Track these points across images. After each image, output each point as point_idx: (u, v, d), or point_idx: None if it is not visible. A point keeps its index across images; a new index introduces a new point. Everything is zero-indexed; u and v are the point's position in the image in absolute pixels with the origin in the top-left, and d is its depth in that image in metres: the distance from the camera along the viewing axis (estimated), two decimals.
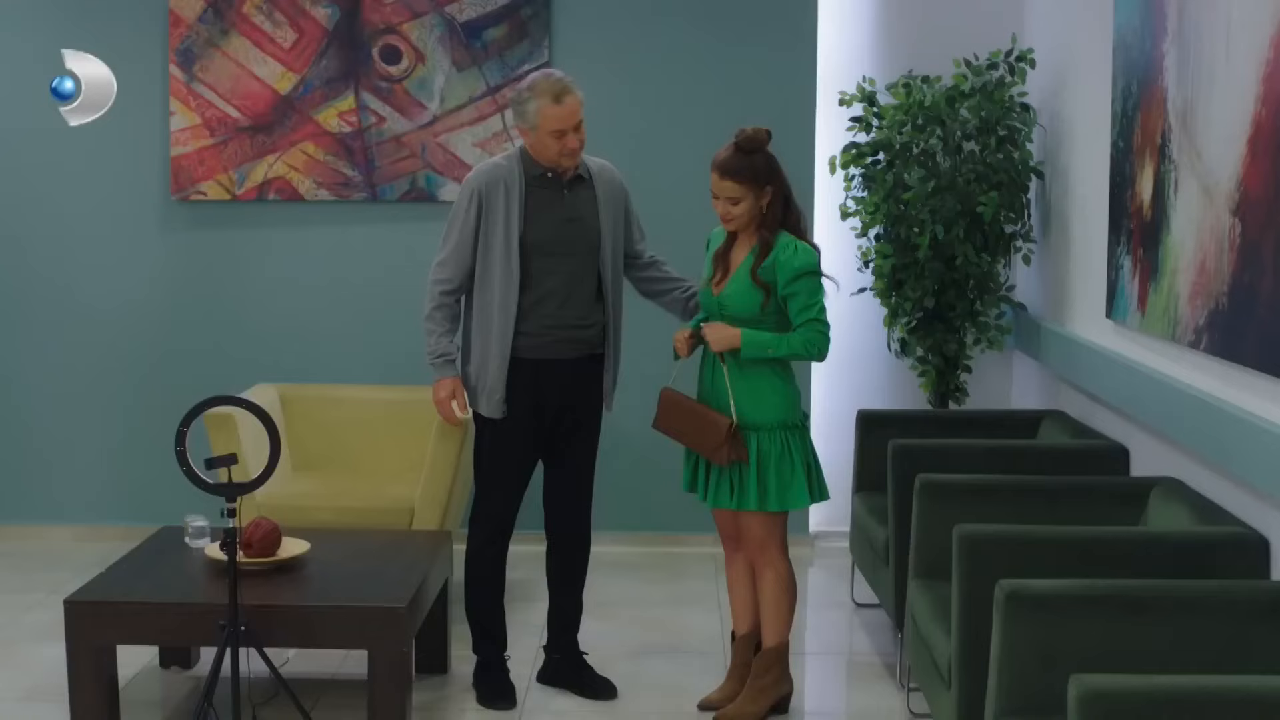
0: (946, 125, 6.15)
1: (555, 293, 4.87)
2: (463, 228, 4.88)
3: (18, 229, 6.97)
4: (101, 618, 4.53)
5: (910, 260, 6.17)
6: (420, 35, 6.77)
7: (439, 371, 4.96)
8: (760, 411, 4.69)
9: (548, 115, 4.76)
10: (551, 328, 4.87)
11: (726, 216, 4.67)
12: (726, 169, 4.63)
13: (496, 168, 4.91)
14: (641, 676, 5.26)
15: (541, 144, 4.80)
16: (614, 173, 5.10)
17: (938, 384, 6.38)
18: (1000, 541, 3.95)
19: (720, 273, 4.77)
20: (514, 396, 4.89)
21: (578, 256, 4.89)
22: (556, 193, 4.90)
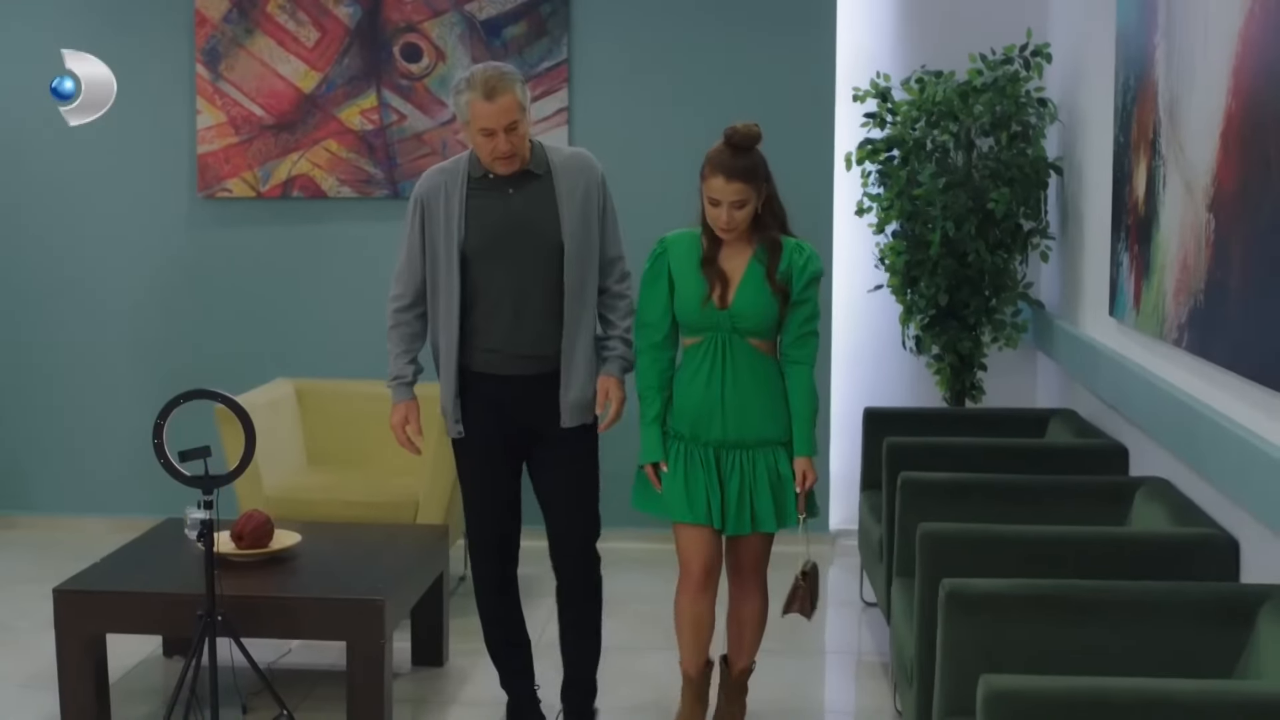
0: (959, 121, 6.09)
1: (503, 304, 4.40)
2: (409, 238, 4.49)
3: (49, 225, 7.10)
4: (89, 607, 4.61)
5: (923, 257, 6.12)
6: (441, 33, 6.82)
7: (394, 395, 4.60)
8: (778, 425, 4.38)
9: (477, 111, 4.26)
10: (502, 342, 4.42)
11: (730, 224, 4.25)
12: (734, 170, 4.22)
13: (440, 172, 4.50)
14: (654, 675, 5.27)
15: (474, 143, 4.35)
16: (586, 162, 4.52)
17: (953, 382, 6.33)
18: (962, 540, 3.92)
19: (718, 284, 4.31)
20: (470, 416, 4.49)
21: (527, 263, 4.39)
22: (499, 193, 4.40)
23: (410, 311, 4.52)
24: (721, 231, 4.29)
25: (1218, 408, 4.00)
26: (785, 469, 4.37)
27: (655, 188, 6.74)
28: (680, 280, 4.36)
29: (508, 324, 4.41)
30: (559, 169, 4.44)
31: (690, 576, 4.46)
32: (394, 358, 4.55)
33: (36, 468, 7.22)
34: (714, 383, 4.32)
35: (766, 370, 4.38)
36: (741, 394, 4.32)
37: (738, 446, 4.36)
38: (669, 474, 4.39)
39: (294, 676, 5.15)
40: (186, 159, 6.98)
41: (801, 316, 4.34)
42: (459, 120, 4.37)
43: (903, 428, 5.65)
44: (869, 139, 6.30)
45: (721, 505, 4.36)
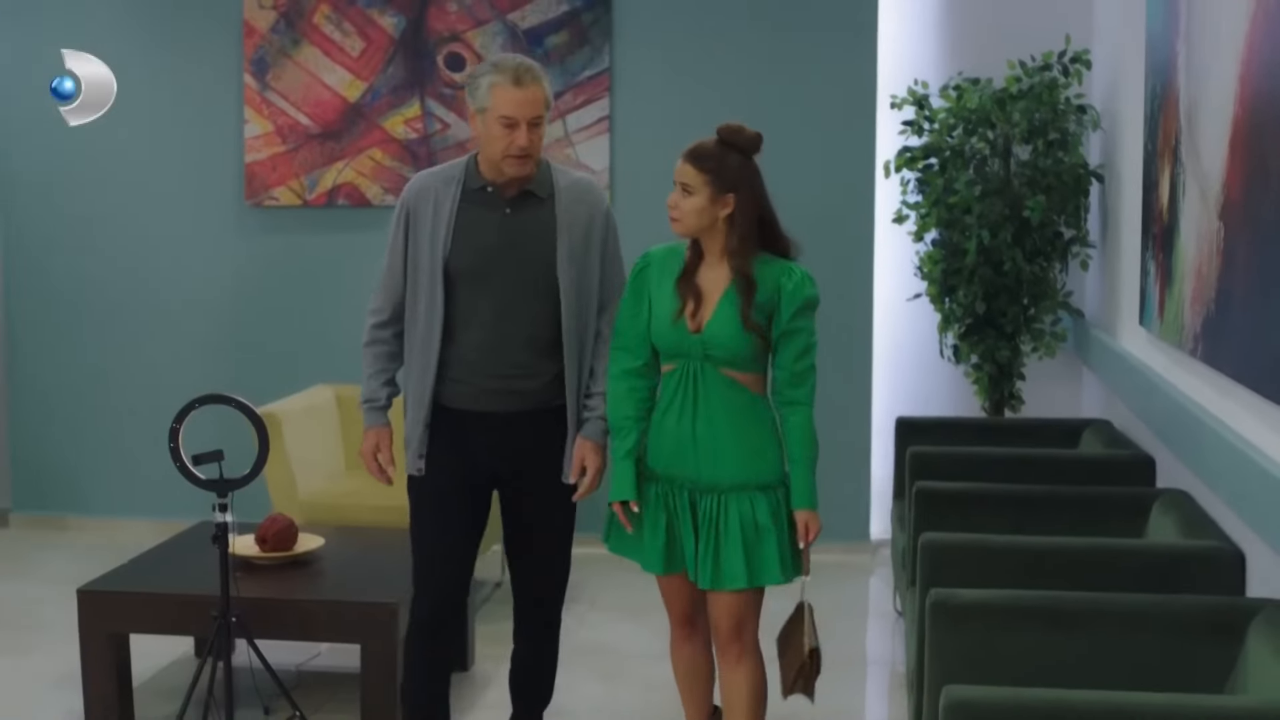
0: (996, 128, 6.05)
1: (482, 332, 3.99)
2: (392, 248, 4.08)
3: (101, 233, 7.23)
4: (111, 607, 4.69)
5: (959, 265, 6.08)
6: (483, 42, 6.87)
7: (365, 419, 4.19)
8: (756, 468, 3.86)
9: (501, 97, 3.86)
10: (475, 374, 4.01)
11: (671, 206, 3.80)
12: (692, 153, 3.81)
13: (431, 177, 4.08)
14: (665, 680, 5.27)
15: (488, 135, 3.90)
16: (593, 193, 4.13)
17: (991, 391, 6.28)
18: (962, 550, 3.89)
19: (692, 302, 3.82)
20: (436, 452, 4.07)
21: (516, 291, 3.98)
22: (494, 210, 3.98)
23: (389, 329, 4.14)
24: (670, 219, 3.83)
25: (1224, 419, 3.94)
26: (764, 518, 3.82)
27: None
28: (656, 296, 3.89)
29: (487, 355, 4.00)
30: (563, 195, 4.03)
31: (673, 625, 4.11)
32: (368, 378, 4.17)
33: (89, 470, 7.35)
34: (685, 418, 3.83)
35: (744, 405, 3.84)
36: (714, 431, 3.82)
37: (711, 490, 3.84)
38: (645, 518, 3.92)
39: (321, 679, 5.21)
40: (234, 168, 7.08)
41: (795, 350, 3.82)
42: (472, 107, 3.94)
43: (933, 437, 5.62)
44: (907, 147, 6.27)
45: (695, 554, 3.86)
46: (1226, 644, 3.30)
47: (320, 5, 6.93)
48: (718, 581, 3.83)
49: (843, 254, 6.71)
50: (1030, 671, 3.31)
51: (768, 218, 3.87)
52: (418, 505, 4.15)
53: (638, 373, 3.93)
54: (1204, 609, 3.38)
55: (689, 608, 4.04)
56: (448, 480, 4.07)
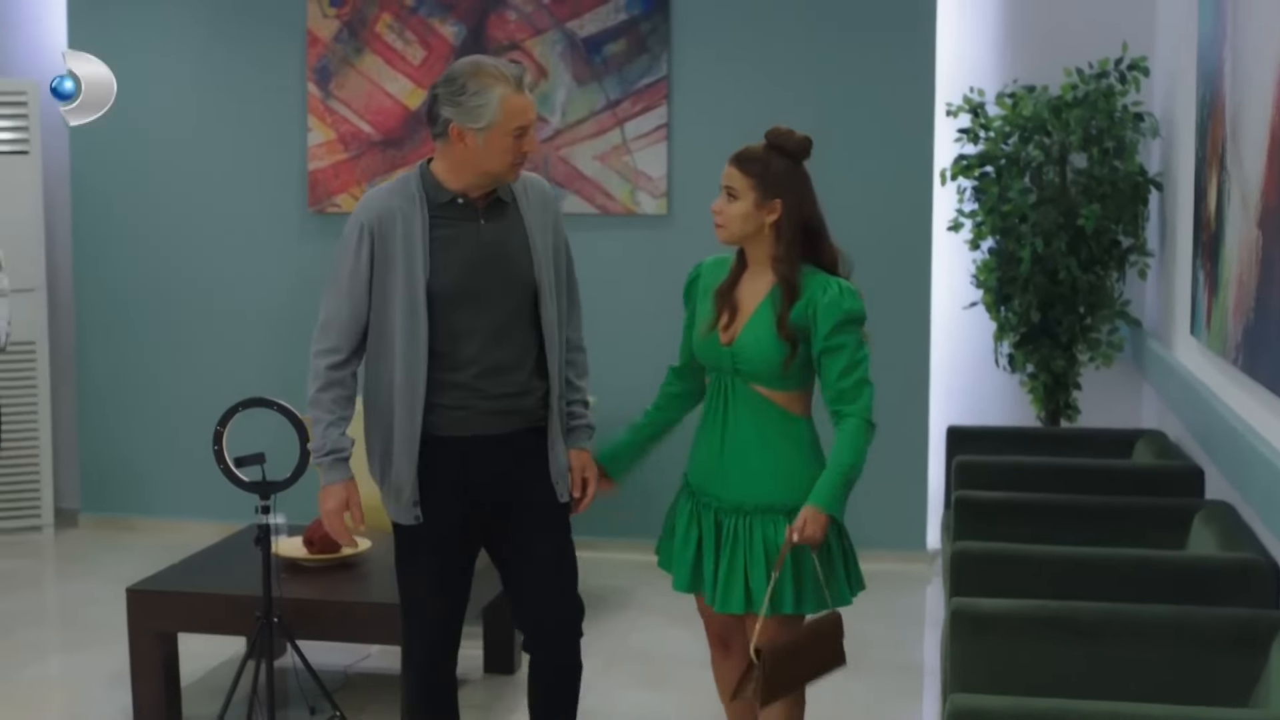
0: (1052, 136, 6.00)
1: (480, 354, 3.68)
2: (353, 277, 3.66)
3: (167, 238, 7.36)
4: (159, 606, 4.78)
5: (1014, 274, 6.05)
6: (543, 51, 6.91)
7: (327, 474, 3.77)
8: (785, 490, 3.65)
9: (514, 107, 3.55)
10: (473, 398, 3.69)
11: (716, 212, 3.66)
12: (738, 156, 3.67)
13: (390, 195, 3.69)
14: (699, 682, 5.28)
15: (491, 149, 3.57)
16: (542, 186, 3.87)
17: (1047, 400, 6.23)
18: (993, 560, 3.88)
19: (727, 314, 3.70)
20: (430, 493, 3.73)
21: (503, 304, 3.70)
22: (470, 222, 3.68)
23: (346, 369, 3.73)
24: (715, 226, 3.70)
25: (1258, 428, 3.90)
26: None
27: None
28: (700, 308, 3.80)
29: (488, 377, 3.69)
30: (522, 196, 3.77)
31: (710, 643, 3.97)
32: (324, 427, 3.73)
33: (155, 473, 7.47)
34: (714, 432, 3.72)
35: (775, 424, 3.67)
36: (741, 449, 3.66)
37: (736, 510, 3.68)
38: (677, 532, 3.82)
39: (371, 681, 5.27)
40: (298, 175, 7.18)
41: (838, 368, 3.62)
42: (470, 126, 3.55)
43: (984, 446, 5.59)
44: (963, 154, 6.24)
45: (714, 577, 3.70)
46: (1251, 657, 3.27)
47: (382, 14, 7.01)
48: (748, 606, 3.63)
49: (900, 261, 6.69)
50: (1051, 682, 3.29)
51: (815, 226, 3.69)
52: (409, 551, 3.82)
53: (677, 373, 3.95)
54: (1228, 622, 3.35)
55: (721, 628, 3.87)
56: (444, 520, 3.75)
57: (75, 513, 7.60)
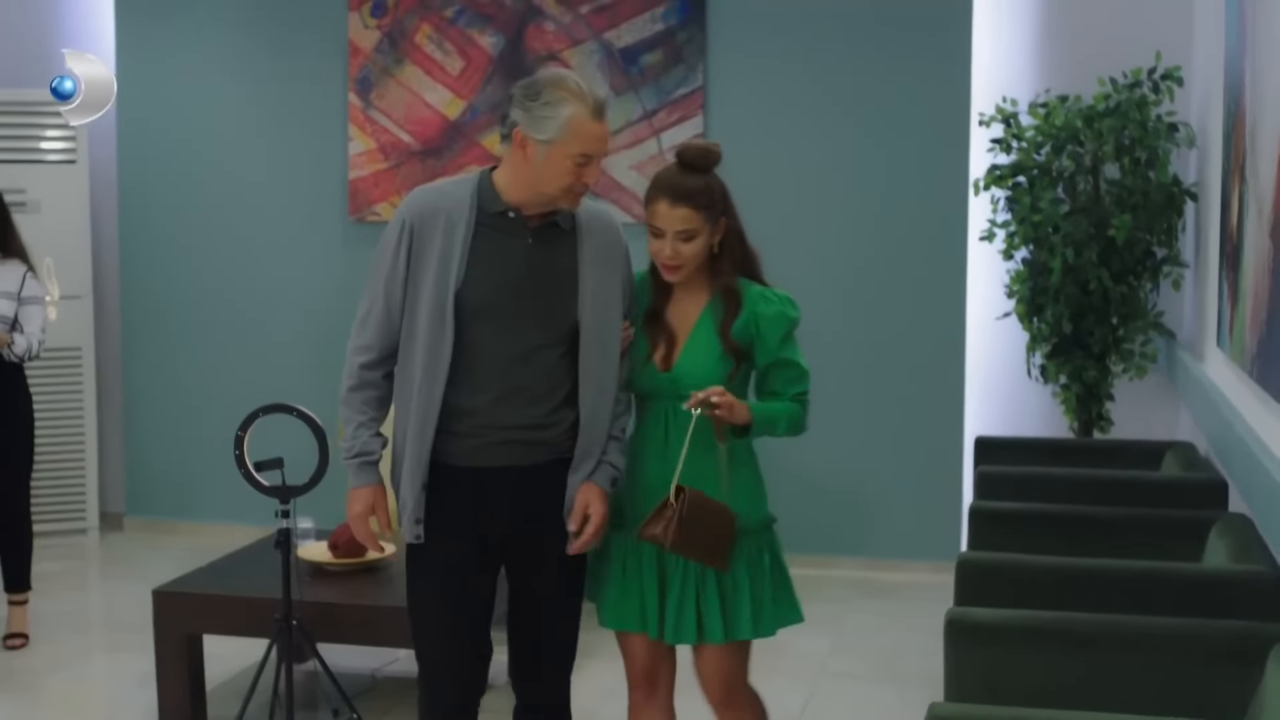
0: (1084, 145, 5.98)
1: (497, 379, 3.45)
2: (390, 274, 3.49)
3: (211, 247, 7.47)
4: (184, 607, 4.84)
5: (1046, 284, 6.03)
6: (580, 61, 6.96)
7: (355, 477, 3.59)
8: (757, 509, 3.56)
9: (584, 130, 3.34)
10: (487, 425, 3.46)
11: (673, 261, 3.42)
12: (681, 192, 3.39)
13: (440, 194, 3.51)
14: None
15: (549, 168, 3.36)
16: (612, 223, 3.61)
17: (1079, 411, 6.20)
18: (997, 570, 3.87)
19: (663, 343, 3.50)
20: (438, 515, 3.51)
21: (536, 330, 3.47)
22: (517, 239, 3.46)
23: (379, 369, 3.56)
24: (666, 271, 3.46)
25: (1266, 441, 3.87)
26: (741, 570, 3.49)
27: (791, 214, 6.81)
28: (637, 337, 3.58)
29: (501, 406, 3.46)
30: (585, 227, 3.52)
31: (632, 687, 3.70)
32: (354, 428, 3.56)
33: (198, 477, 7.58)
34: (656, 463, 3.49)
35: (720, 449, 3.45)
36: (690, 476, 3.39)
37: None
38: (608, 566, 3.59)
39: (398, 685, 5.32)
40: (339, 184, 7.26)
41: (784, 378, 3.50)
42: (535, 135, 3.35)
43: (1011, 457, 5.57)
44: (996, 164, 6.23)
45: (660, 609, 3.49)
46: (1247, 670, 3.24)
47: (422, 25, 7.09)
48: (701, 635, 3.47)
49: (935, 271, 6.69)
50: (1047, 692, 3.30)
51: (744, 233, 3.57)
52: (420, 580, 3.61)
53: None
54: (1224, 634, 3.33)
55: (650, 664, 3.63)
56: (455, 548, 3.53)
57: (120, 516, 7.72)
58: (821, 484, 6.89)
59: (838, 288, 6.82)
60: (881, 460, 6.83)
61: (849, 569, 6.81)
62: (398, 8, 7.12)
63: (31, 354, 5.61)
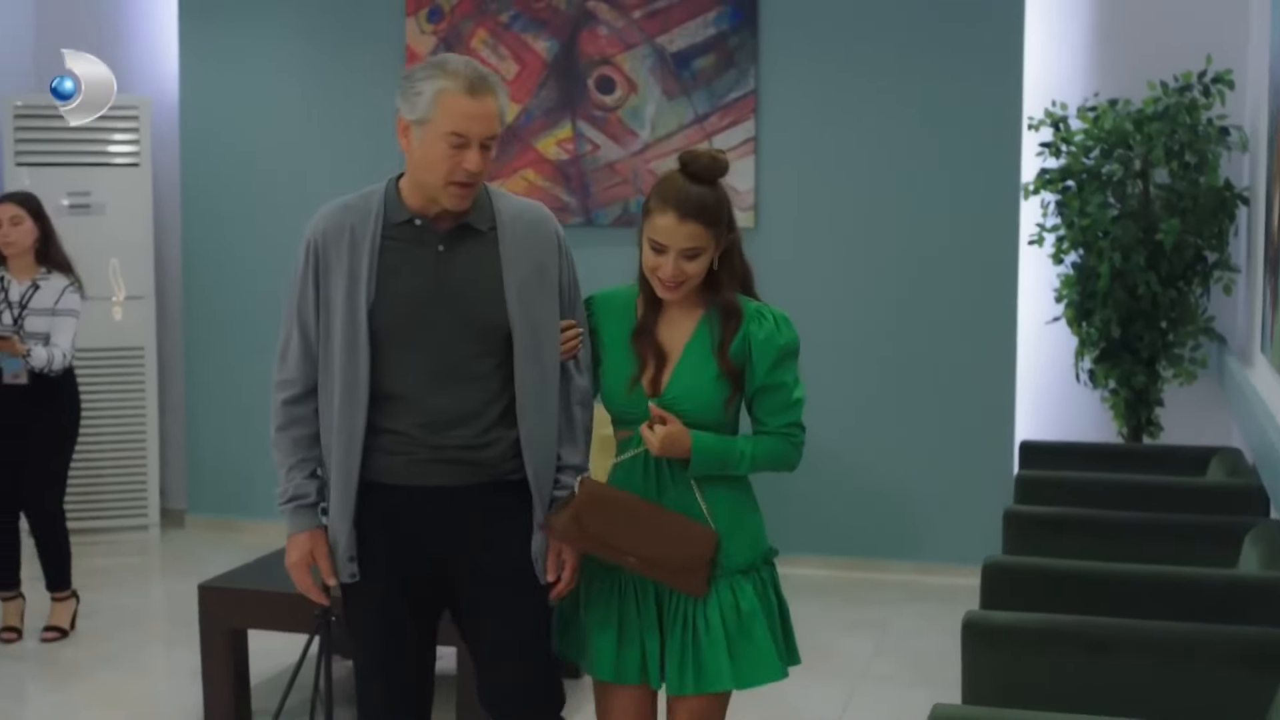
0: (1132, 149, 5.95)
1: (417, 402, 3.17)
2: (300, 300, 3.26)
3: (271, 249, 7.56)
4: (227, 603, 4.93)
5: (1094, 289, 6.00)
6: (633, 66, 7.01)
7: (290, 522, 3.33)
8: (736, 548, 3.21)
9: (451, 107, 3.07)
10: (410, 445, 3.18)
11: (676, 278, 3.13)
12: (691, 207, 3.11)
13: (344, 210, 3.25)
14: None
15: (426, 155, 3.12)
16: (542, 217, 3.32)
17: (1128, 416, 6.17)
18: (1023, 574, 3.87)
19: (652, 363, 3.21)
20: (369, 547, 3.23)
21: (455, 345, 3.17)
22: (426, 247, 3.18)
23: (306, 404, 3.28)
24: (664, 289, 3.17)
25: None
26: (748, 603, 3.18)
27: (842, 217, 6.83)
28: (608, 353, 3.29)
29: (424, 429, 3.17)
30: (507, 226, 3.24)
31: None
32: (287, 470, 3.31)
33: (258, 475, 7.68)
34: (647, 494, 3.19)
35: (717, 475, 3.21)
36: (683, 510, 3.18)
37: None
38: (594, 612, 3.26)
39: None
40: None
41: (772, 405, 3.22)
42: (407, 118, 3.15)
43: (1056, 461, 5.56)
44: (1045, 169, 6.21)
45: (660, 657, 3.20)
46: (1264, 678, 3.23)
47: (477, 30, 7.16)
48: (699, 684, 3.16)
49: (986, 275, 6.67)
50: (1062, 696, 3.30)
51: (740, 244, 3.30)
52: (351, 613, 3.36)
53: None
54: (1240, 641, 3.32)
55: (639, 716, 3.30)
56: (391, 578, 3.25)
57: (182, 513, 7.85)
58: (871, 488, 6.90)
59: (889, 291, 6.82)
60: (931, 464, 6.82)
61: (898, 573, 6.82)
62: (454, 13, 7.20)
63: (53, 367, 5.68)
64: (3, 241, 5.71)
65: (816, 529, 6.91)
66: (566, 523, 3.14)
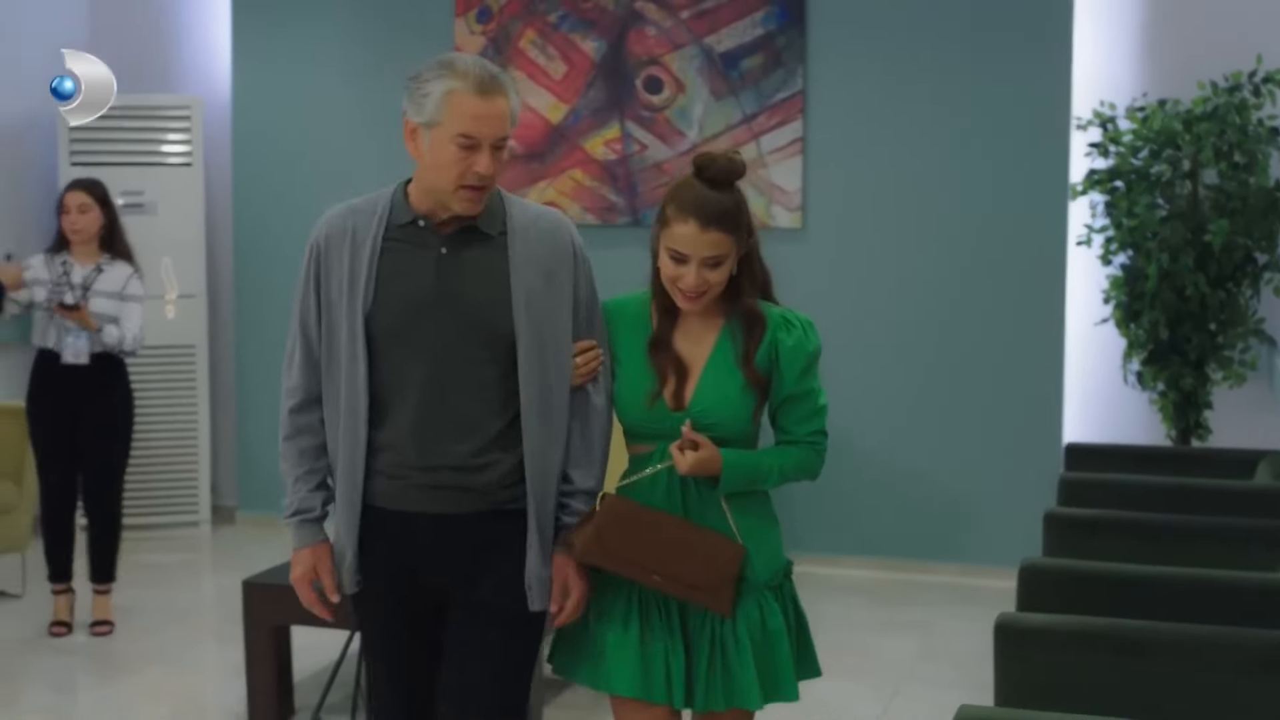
0: (1182, 149, 5.90)
1: (412, 412, 3.04)
2: (303, 305, 3.15)
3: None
4: (271, 599, 4.95)
5: (1142, 290, 5.96)
6: (681, 66, 7.02)
7: (295, 536, 3.20)
8: (763, 561, 3.10)
9: (461, 107, 2.94)
10: (407, 466, 3.05)
11: (698, 288, 3.01)
12: (712, 213, 2.98)
13: (350, 212, 3.14)
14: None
15: (436, 158, 2.98)
16: (559, 225, 3.15)
17: (1177, 419, 6.12)
18: (1058, 576, 3.86)
19: (673, 377, 3.08)
20: (372, 562, 3.13)
21: (453, 353, 3.02)
22: (428, 249, 3.05)
23: (311, 413, 3.17)
24: (686, 300, 3.05)
25: None
26: (775, 621, 3.08)
27: (890, 217, 6.81)
28: (623, 366, 3.15)
29: (418, 441, 3.04)
30: (518, 231, 3.08)
31: None
32: (293, 482, 3.18)
33: None
34: (670, 510, 3.06)
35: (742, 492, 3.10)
36: (708, 525, 3.07)
37: None
38: (612, 627, 3.10)
39: None
40: None
41: (799, 414, 3.11)
42: (414, 120, 3.01)
43: (1103, 463, 5.53)
44: (1093, 169, 6.17)
45: (686, 674, 3.07)
46: None
47: (526, 30, 7.19)
48: (729, 699, 3.05)
49: (1034, 276, 6.64)
50: (1093, 698, 3.28)
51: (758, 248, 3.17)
52: (363, 628, 3.30)
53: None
54: (1272, 644, 3.28)
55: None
56: (392, 598, 3.16)
57: (233, 510, 7.93)
58: (917, 489, 6.88)
59: (936, 291, 6.80)
60: (978, 466, 6.79)
61: (943, 574, 6.80)
62: (502, 13, 7.23)
63: (124, 346, 5.80)
64: (71, 228, 5.81)
65: (862, 530, 6.89)
66: (589, 541, 3.01)
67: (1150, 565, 3.95)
